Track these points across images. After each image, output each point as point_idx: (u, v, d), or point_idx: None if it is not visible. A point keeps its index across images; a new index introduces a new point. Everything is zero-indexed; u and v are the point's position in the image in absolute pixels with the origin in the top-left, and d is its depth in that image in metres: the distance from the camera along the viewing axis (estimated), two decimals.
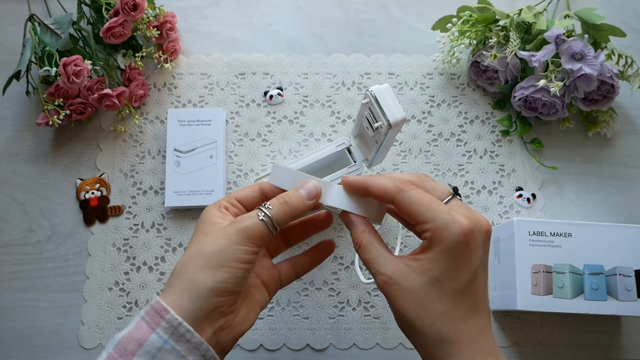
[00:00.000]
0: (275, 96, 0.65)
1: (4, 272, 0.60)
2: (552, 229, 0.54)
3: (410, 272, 0.37)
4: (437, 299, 0.36)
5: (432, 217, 0.36)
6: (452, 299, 0.36)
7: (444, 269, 0.36)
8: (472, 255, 0.36)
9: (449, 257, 0.36)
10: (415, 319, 0.36)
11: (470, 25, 0.62)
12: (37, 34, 0.61)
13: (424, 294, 0.36)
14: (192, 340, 0.35)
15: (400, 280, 0.37)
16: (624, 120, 0.67)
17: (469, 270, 0.36)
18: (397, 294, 0.37)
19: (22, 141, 0.64)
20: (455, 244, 0.35)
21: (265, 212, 0.38)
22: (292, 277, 0.46)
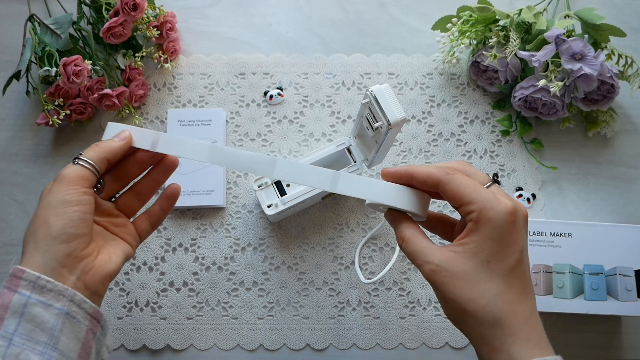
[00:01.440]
0: (275, 96, 0.65)
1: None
2: (552, 229, 0.54)
3: (457, 257, 0.37)
4: (488, 280, 0.36)
5: (478, 198, 0.36)
6: (503, 280, 0.36)
7: (493, 249, 0.36)
8: (518, 235, 0.36)
9: (496, 237, 0.36)
10: (466, 302, 0.36)
11: (470, 25, 0.63)
12: (37, 34, 0.61)
13: (475, 277, 0.36)
14: (55, 289, 0.36)
15: (448, 267, 0.36)
16: (624, 120, 0.67)
17: (517, 249, 0.36)
18: (445, 280, 0.36)
19: (22, 141, 0.64)
20: (502, 223, 0.36)
21: (79, 156, 0.40)
22: (148, 228, 0.46)
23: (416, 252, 0.39)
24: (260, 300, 0.59)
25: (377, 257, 0.61)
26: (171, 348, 0.58)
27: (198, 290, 0.60)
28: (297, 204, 0.56)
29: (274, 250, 0.61)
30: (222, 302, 0.59)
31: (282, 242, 0.61)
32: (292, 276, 0.60)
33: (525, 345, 0.34)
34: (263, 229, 0.61)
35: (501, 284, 0.36)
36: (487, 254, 0.36)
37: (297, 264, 0.60)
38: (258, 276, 0.60)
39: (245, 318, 0.59)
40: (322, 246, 0.61)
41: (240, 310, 0.59)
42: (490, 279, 0.36)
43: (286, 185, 0.57)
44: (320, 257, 0.61)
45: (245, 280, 0.60)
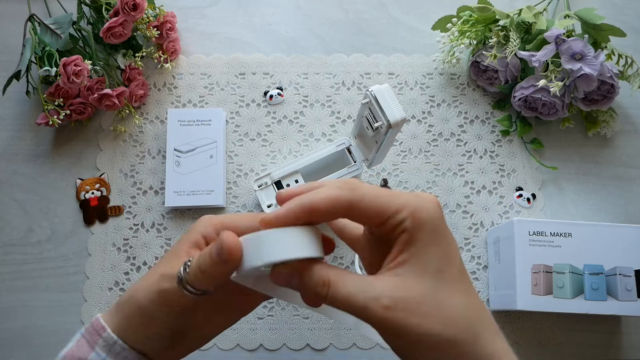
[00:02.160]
0: (275, 96, 0.65)
1: (4, 272, 0.60)
2: (552, 228, 0.54)
3: (406, 280, 0.29)
4: (450, 293, 0.30)
5: (403, 202, 0.30)
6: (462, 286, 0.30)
7: (440, 254, 0.30)
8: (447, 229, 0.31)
9: (438, 239, 0.30)
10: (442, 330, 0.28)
11: (470, 25, 0.62)
12: (37, 34, 0.61)
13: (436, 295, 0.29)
14: (129, 358, 0.35)
15: (403, 295, 0.29)
16: (624, 120, 0.66)
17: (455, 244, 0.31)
18: (407, 314, 0.28)
19: (22, 141, 0.64)
20: (437, 220, 0.30)
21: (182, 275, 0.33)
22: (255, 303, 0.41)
23: (353, 292, 0.29)
24: None
25: None
26: None
27: None
28: None
29: None
30: None
31: None
32: None
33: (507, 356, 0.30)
34: None
35: (463, 292, 0.30)
36: (437, 262, 0.30)
37: None
38: None
39: (245, 318, 0.59)
40: None
41: None
42: (451, 291, 0.30)
43: (286, 185, 0.57)
44: None
45: None
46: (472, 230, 0.62)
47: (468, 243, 0.62)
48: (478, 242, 0.62)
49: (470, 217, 0.62)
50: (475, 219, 0.62)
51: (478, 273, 0.61)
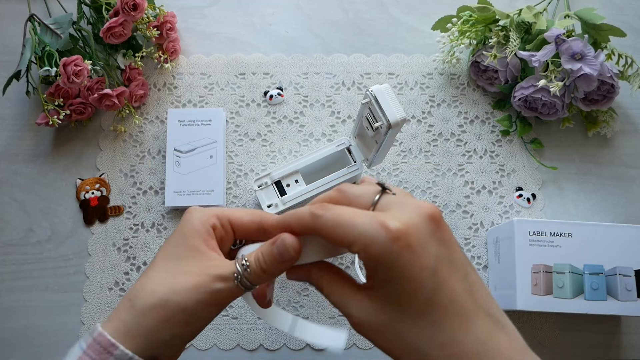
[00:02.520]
0: (275, 96, 0.65)
1: (4, 272, 0.60)
2: (552, 228, 0.54)
3: (372, 304, 0.31)
4: (411, 326, 0.29)
5: (356, 235, 0.29)
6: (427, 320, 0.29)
7: (396, 289, 0.29)
8: (420, 258, 0.29)
9: (394, 274, 0.29)
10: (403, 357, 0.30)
11: (470, 25, 0.62)
12: (37, 34, 0.61)
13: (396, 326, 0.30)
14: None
15: (367, 318, 0.31)
16: (624, 120, 0.67)
17: (426, 276, 0.29)
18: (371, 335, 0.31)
19: (22, 141, 0.64)
20: (391, 255, 0.29)
21: (243, 275, 0.33)
22: None
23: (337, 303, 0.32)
24: None
25: None
26: None
27: None
28: (297, 204, 0.56)
29: None
30: None
31: None
32: None
33: None
34: None
35: (427, 326, 0.29)
36: (394, 296, 0.29)
37: None
38: None
39: (245, 318, 0.59)
40: None
41: (240, 310, 0.59)
42: (412, 324, 0.29)
43: (286, 185, 0.57)
44: None
45: None
46: (472, 230, 0.62)
47: (468, 243, 0.62)
48: (478, 242, 0.62)
49: (470, 217, 0.62)
50: (475, 219, 0.62)
51: (478, 273, 0.61)
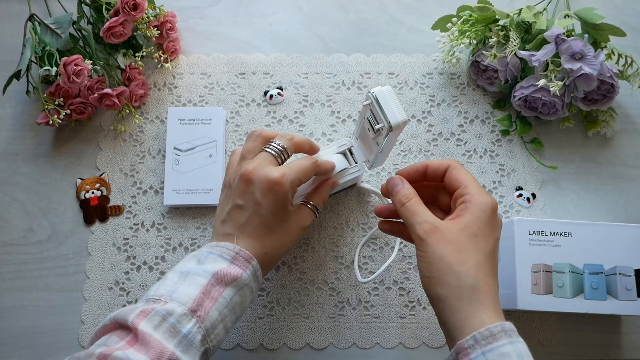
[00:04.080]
0: (275, 96, 0.65)
1: (4, 272, 0.60)
2: (552, 228, 0.54)
3: (452, 225, 0.43)
4: (473, 250, 0.42)
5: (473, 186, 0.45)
6: (484, 254, 0.42)
7: (480, 227, 0.43)
8: (497, 225, 0.44)
9: (485, 218, 0.43)
10: (454, 263, 0.41)
11: (470, 25, 0.63)
12: (37, 34, 0.61)
13: (464, 245, 0.42)
14: (260, 282, 0.47)
15: (443, 230, 0.43)
16: (624, 120, 0.67)
17: (496, 235, 0.44)
18: (438, 240, 0.42)
19: (23, 141, 0.64)
20: (489, 209, 0.44)
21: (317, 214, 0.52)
22: None
23: (417, 211, 0.45)
24: (261, 300, 0.59)
25: (377, 256, 0.61)
26: None
27: None
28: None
29: None
30: None
31: None
32: (293, 276, 0.60)
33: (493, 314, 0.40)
34: None
35: (482, 257, 0.42)
36: (476, 229, 0.43)
37: (298, 263, 0.60)
38: None
39: (245, 317, 0.59)
40: (322, 246, 0.61)
41: None
42: (475, 250, 0.42)
43: None
44: (320, 256, 0.61)
45: None
46: None
47: None
48: None
49: None
50: None
51: None
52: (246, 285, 0.45)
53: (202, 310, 0.42)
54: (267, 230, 0.47)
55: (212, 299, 0.43)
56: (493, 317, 0.40)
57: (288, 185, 0.47)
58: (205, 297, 0.42)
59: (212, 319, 0.42)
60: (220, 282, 0.44)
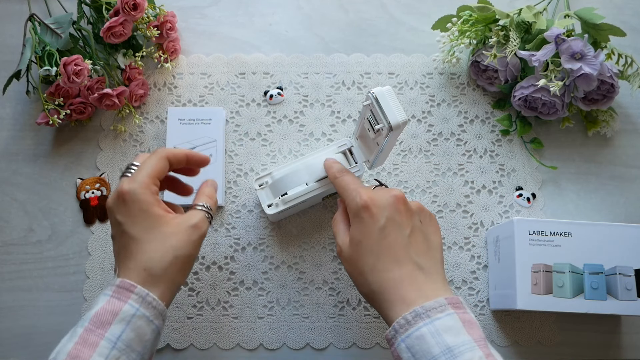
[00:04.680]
0: (275, 96, 0.65)
1: (4, 272, 0.60)
2: (552, 228, 0.54)
3: (348, 242, 0.46)
4: (362, 256, 0.44)
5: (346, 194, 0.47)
6: (372, 255, 0.44)
7: (358, 230, 0.45)
8: (374, 217, 0.44)
9: (357, 221, 0.45)
10: (355, 277, 0.45)
11: (470, 24, 0.63)
12: (37, 34, 0.61)
13: (355, 256, 0.45)
14: (158, 308, 0.42)
15: (343, 250, 0.46)
16: (624, 119, 0.67)
17: (375, 228, 0.44)
18: (343, 262, 0.47)
19: (23, 141, 0.64)
20: (358, 209, 0.45)
21: (209, 213, 0.48)
22: None
23: (334, 233, 0.49)
24: (260, 300, 0.59)
25: None
26: (171, 347, 0.58)
27: (198, 290, 0.60)
28: (297, 204, 0.56)
29: (274, 250, 0.61)
30: (222, 302, 0.59)
31: (282, 242, 0.61)
32: (292, 275, 0.60)
33: (399, 307, 0.42)
34: (263, 228, 0.61)
35: (371, 258, 0.44)
36: (356, 234, 0.45)
37: (297, 263, 0.60)
38: (258, 275, 0.60)
39: (245, 317, 0.59)
40: (322, 245, 0.61)
41: (240, 309, 0.59)
42: (363, 255, 0.44)
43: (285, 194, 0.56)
44: (320, 256, 0.61)
45: (245, 279, 0.60)
46: (472, 229, 0.62)
47: (468, 243, 0.62)
48: (478, 242, 0.62)
49: (470, 216, 0.62)
50: (475, 219, 0.62)
51: (478, 272, 0.61)
52: (135, 316, 0.40)
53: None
54: (136, 244, 0.43)
55: (91, 345, 0.38)
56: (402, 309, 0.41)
57: (139, 189, 0.43)
58: (82, 346, 0.38)
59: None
60: (101, 325, 0.39)
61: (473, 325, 0.40)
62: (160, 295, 0.42)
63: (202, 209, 0.47)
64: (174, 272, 0.43)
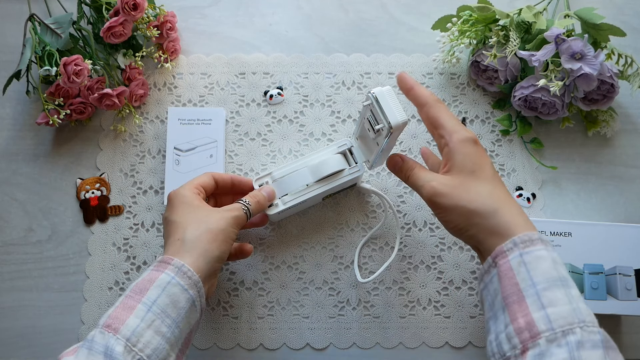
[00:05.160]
0: (275, 96, 0.65)
1: (4, 272, 0.60)
2: (552, 228, 0.54)
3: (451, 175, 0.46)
4: (479, 184, 0.45)
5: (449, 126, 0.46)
6: (489, 182, 0.45)
7: (473, 161, 0.45)
8: (484, 153, 0.46)
9: (471, 153, 0.46)
10: (468, 203, 0.44)
11: (470, 24, 0.63)
12: (37, 34, 0.61)
13: (468, 184, 0.45)
14: (193, 278, 0.45)
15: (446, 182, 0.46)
16: (624, 119, 0.67)
17: (487, 161, 0.46)
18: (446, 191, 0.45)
19: (23, 141, 0.64)
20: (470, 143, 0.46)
21: (247, 207, 0.51)
22: None
23: (420, 176, 0.48)
24: (260, 300, 0.59)
25: (376, 256, 0.61)
26: None
27: None
28: (297, 204, 0.56)
29: (274, 250, 0.61)
30: (222, 302, 0.59)
31: (282, 242, 0.61)
32: (292, 276, 0.60)
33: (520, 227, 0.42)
34: (263, 228, 0.61)
35: (489, 185, 0.45)
36: (470, 165, 0.45)
37: (297, 263, 0.60)
38: (258, 276, 0.60)
39: (245, 317, 0.59)
40: (322, 246, 0.61)
41: (240, 309, 0.59)
42: (480, 183, 0.45)
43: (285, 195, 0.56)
44: (320, 256, 0.61)
45: (245, 279, 0.60)
46: None
47: None
48: None
49: None
50: None
51: (478, 273, 0.61)
52: (170, 284, 0.43)
53: (117, 322, 0.41)
54: (176, 226, 0.48)
55: (129, 308, 0.42)
56: (526, 227, 0.42)
57: (181, 189, 0.51)
58: (122, 310, 0.42)
59: (131, 327, 0.41)
60: (139, 292, 0.43)
61: None
62: (193, 263, 0.45)
63: (239, 202, 0.51)
64: (206, 241, 0.47)
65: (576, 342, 0.36)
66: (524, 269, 0.40)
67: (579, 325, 0.37)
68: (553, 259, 0.40)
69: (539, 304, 0.38)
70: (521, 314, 0.38)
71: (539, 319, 0.38)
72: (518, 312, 0.39)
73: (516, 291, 0.40)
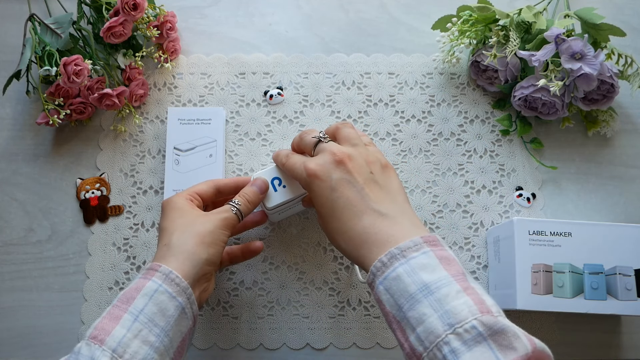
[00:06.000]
0: (275, 96, 0.65)
1: (4, 272, 0.60)
2: (552, 228, 0.54)
3: None
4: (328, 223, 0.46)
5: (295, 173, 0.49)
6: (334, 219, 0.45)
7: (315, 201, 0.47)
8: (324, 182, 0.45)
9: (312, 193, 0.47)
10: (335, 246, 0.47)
11: (470, 24, 0.63)
12: (37, 34, 0.61)
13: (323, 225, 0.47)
14: (181, 285, 0.44)
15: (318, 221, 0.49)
16: (624, 119, 0.67)
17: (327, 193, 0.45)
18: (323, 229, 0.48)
19: (22, 141, 0.64)
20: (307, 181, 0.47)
21: (237, 207, 0.50)
22: (227, 262, 0.56)
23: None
24: (260, 300, 0.59)
25: None
26: None
27: None
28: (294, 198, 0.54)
29: (274, 250, 0.61)
30: (222, 302, 0.59)
31: (282, 242, 0.61)
32: (292, 276, 0.60)
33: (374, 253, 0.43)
34: (263, 228, 0.61)
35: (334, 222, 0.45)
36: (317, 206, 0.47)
37: (297, 263, 0.60)
38: (258, 276, 0.60)
39: (245, 317, 0.59)
40: (322, 245, 0.61)
41: (240, 309, 0.59)
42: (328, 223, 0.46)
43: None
44: (320, 256, 0.61)
45: (245, 279, 0.60)
46: (472, 229, 0.62)
47: (468, 243, 0.62)
48: (478, 242, 0.62)
49: (470, 216, 0.62)
50: (475, 219, 0.62)
51: (478, 273, 0.61)
52: (157, 292, 0.42)
53: (103, 333, 0.40)
54: (165, 232, 0.48)
55: (115, 318, 0.41)
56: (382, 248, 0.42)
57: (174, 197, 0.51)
58: (108, 320, 0.41)
59: (117, 337, 0.40)
60: (126, 301, 0.42)
61: (450, 261, 0.40)
62: (179, 267, 0.44)
63: (229, 203, 0.51)
64: (192, 244, 0.46)
65: (450, 352, 0.35)
66: (388, 296, 0.40)
67: (449, 332, 0.36)
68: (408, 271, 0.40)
69: (410, 326, 0.38)
70: (403, 339, 0.39)
71: (415, 342, 0.38)
72: (402, 339, 0.39)
73: (393, 320, 0.40)
